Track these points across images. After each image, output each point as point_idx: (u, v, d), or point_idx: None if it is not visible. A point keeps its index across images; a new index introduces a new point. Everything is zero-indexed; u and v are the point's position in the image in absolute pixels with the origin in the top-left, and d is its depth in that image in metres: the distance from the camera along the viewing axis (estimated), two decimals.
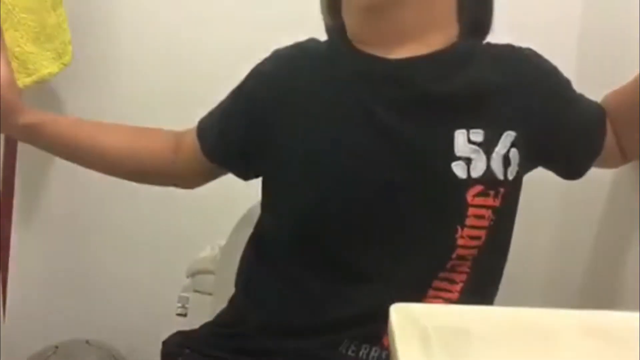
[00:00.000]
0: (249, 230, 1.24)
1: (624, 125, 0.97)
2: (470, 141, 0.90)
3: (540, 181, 1.06)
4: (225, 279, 1.25)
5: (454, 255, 0.90)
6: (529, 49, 1.00)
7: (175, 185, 1.14)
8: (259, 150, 1.00)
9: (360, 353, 0.90)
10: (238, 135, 1.02)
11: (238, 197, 1.19)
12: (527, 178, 1.06)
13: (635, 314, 0.61)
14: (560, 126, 0.96)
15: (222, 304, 1.22)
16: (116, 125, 1.12)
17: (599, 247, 1.21)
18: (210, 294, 1.29)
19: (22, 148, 1.54)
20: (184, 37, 1.53)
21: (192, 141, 1.08)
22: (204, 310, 1.18)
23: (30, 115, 1.03)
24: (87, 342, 1.55)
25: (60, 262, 1.63)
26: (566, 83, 1.00)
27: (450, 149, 0.89)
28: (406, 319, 0.60)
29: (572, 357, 0.57)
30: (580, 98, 1.00)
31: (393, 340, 0.57)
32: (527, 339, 0.59)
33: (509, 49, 1.00)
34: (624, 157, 1.00)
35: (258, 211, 1.21)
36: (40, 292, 1.64)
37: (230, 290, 1.18)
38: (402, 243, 0.92)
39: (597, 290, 1.20)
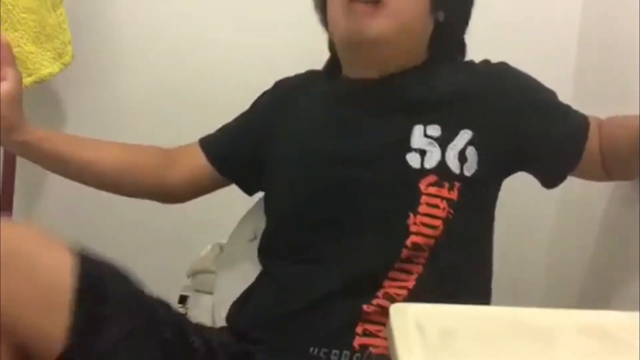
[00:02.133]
0: (249, 230, 1.24)
1: (613, 155, 0.99)
2: (426, 135, 0.98)
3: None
4: (226, 278, 1.25)
5: (407, 242, 0.94)
6: (504, 63, 1.06)
7: (163, 200, 1.20)
8: (263, 161, 1.11)
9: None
10: (248, 147, 1.14)
11: (238, 197, 1.19)
12: (527, 178, 1.06)
13: (635, 314, 0.61)
14: (530, 134, 1.00)
15: (223, 304, 1.22)
16: (109, 142, 1.17)
17: (598, 248, 1.21)
18: (210, 293, 1.29)
19: None
20: (183, 37, 1.53)
21: (194, 156, 1.16)
22: (205, 310, 1.18)
23: (27, 132, 1.04)
24: None
25: None
26: (544, 94, 1.03)
27: (406, 141, 0.97)
28: (406, 319, 0.60)
29: (572, 357, 0.57)
30: (562, 110, 1.03)
31: (393, 340, 0.57)
32: (526, 339, 0.59)
33: (481, 63, 1.07)
34: (608, 176, 1.02)
35: (258, 211, 1.22)
36: None
37: (231, 290, 1.18)
38: (359, 229, 0.97)
39: (597, 290, 1.20)
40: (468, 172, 0.96)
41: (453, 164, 0.96)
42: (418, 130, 0.98)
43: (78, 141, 1.13)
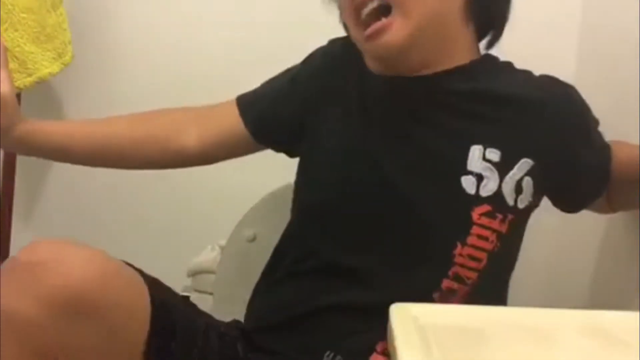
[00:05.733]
0: (249, 231, 1.24)
1: (617, 186, 0.97)
2: (485, 159, 0.89)
3: None
4: (226, 279, 1.25)
5: (450, 273, 0.88)
6: (573, 89, 0.98)
7: (184, 165, 1.10)
8: (301, 132, 1.02)
9: None
10: (288, 112, 1.03)
11: (238, 197, 1.19)
12: None
13: (635, 314, 0.61)
14: (574, 165, 0.94)
15: (223, 304, 1.23)
16: (111, 119, 1.10)
17: (599, 248, 1.21)
18: (210, 293, 1.29)
19: None
20: (183, 37, 1.53)
21: (227, 115, 1.06)
22: (205, 310, 1.18)
23: (21, 126, 1.00)
24: None
25: None
26: (593, 123, 0.98)
27: (462, 162, 0.88)
28: (406, 319, 0.60)
29: (572, 357, 0.57)
30: (599, 139, 0.98)
31: (393, 340, 0.57)
32: (527, 339, 0.59)
33: (549, 81, 0.98)
34: (611, 208, 1.01)
35: (258, 212, 1.22)
36: None
37: (231, 290, 1.18)
38: (400, 250, 0.91)
39: (597, 290, 1.20)
40: (521, 204, 0.90)
41: (509, 194, 0.89)
42: (477, 151, 0.89)
43: (76, 123, 1.10)
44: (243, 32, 1.51)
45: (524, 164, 0.90)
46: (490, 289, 0.92)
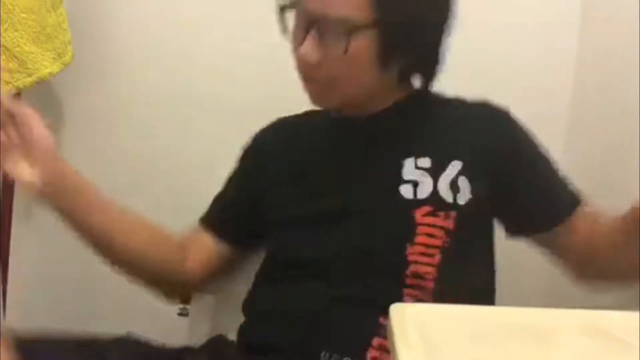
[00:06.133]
0: None
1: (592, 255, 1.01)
2: (417, 167, 0.99)
3: None
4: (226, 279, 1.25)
5: (408, 272, 0.95)
6: (506, 111, 1.06)
7: (184, 286, 1.17)
8: (265, 211, 1.09)
9: None
10: (248, 207, 1.12)
11: None
12: None
13: (635, 314, 0.61)
14: (510, 181, 1.02)
15: (223, 304, 1.23)
16: (132, 223, 1.11)
17: None
18: (211, 293, 1.29)
19: None
20: (184, 37, 1.53)
21: (201, 239, 1.13)
22: (205, 310, 1.18)
23: (66, 200, 1.01)
24: None
25: (60, 262, 1.63)
26: (537, 150, 1.05)
27: (397, 174, 0.99)
28: (406, 319, 0.60)
29: (572, 357, 0.57)
30: (556, 177, 1.05)
31: (393, 340, 0.57)
32: (527, 339, 0.59)
33: (478, 102, 1.07)
34: (582, 274, 1.05)
35: None
36: (40, 291, 1.64)
37: (231, 290, 1.18)
38: (362, 260, 0.98)
39: (597, 290, 1.20)
40: (462, 201, 0.98)
41: (446, 193, 0.97)
42: (409, 162, 0.99)
43: (108, 216, 1.07)
44: (243, 33, 1.51)
45: (454, 165, 0.99)
46: (460, 283, 0.96)
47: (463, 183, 0.98)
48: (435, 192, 0.97)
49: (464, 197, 0.98)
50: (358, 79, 0.98)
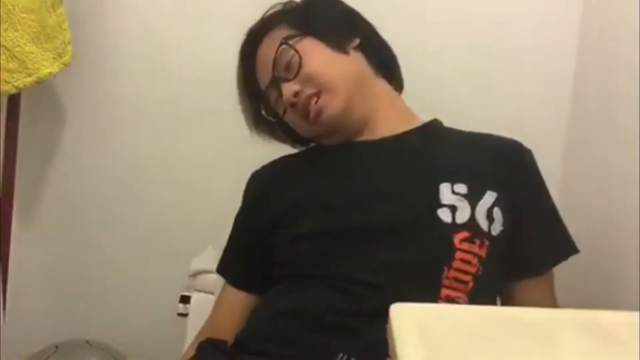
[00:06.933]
0: None
1: None
2: (454, 192, 0.99)
3: None
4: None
5: (442, 295, 0.95)
6: (529, 150, 1.08)
7: None
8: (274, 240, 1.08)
9: None
10: (261, 256, 1.10)
11: (239, 197, 1.19)
12: None
13: (635, 314, 0.61)
14: (520, 213, 1.03)
15: None
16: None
17: (598, 247, 1.21)
18: (212, 293, 1.29)
19: (22, 148, 1.54)
20: (184, 37, 1.53)
21: (228, 295, 1.14)
22: (206, 310, 1.18)
23: None
24: (87, 342, 1.54)
25: (60, 262, 1.63)
26: (544, 185, 1.07)
27: (435, 197, 0.99)
28: (406, 319, 0.60)
29: (572, 357, 0.57)
30: (550, 209, 1.07)
31: (393, 340, 0.57)
32: (527, 339, 0.59)
33: (494, 134, 1.09)
34: None
35: None
36: (40, 292, 1.64)
37: None
38: (396, 281, 0.96)
39: (597, 290, 1.20)
40: (494, 232, 0.99)
41: (482, 221, 0.98)
42: (445, 187, 0.99)
43: None
44: (243, 33, 1.51)
45: (491, 195, 1.00)
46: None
47: (497, 214, 0.99)
48: (472, 218, 0.98)
49: (497, 228, 0.99)
50: (338, 74, 1.05)
